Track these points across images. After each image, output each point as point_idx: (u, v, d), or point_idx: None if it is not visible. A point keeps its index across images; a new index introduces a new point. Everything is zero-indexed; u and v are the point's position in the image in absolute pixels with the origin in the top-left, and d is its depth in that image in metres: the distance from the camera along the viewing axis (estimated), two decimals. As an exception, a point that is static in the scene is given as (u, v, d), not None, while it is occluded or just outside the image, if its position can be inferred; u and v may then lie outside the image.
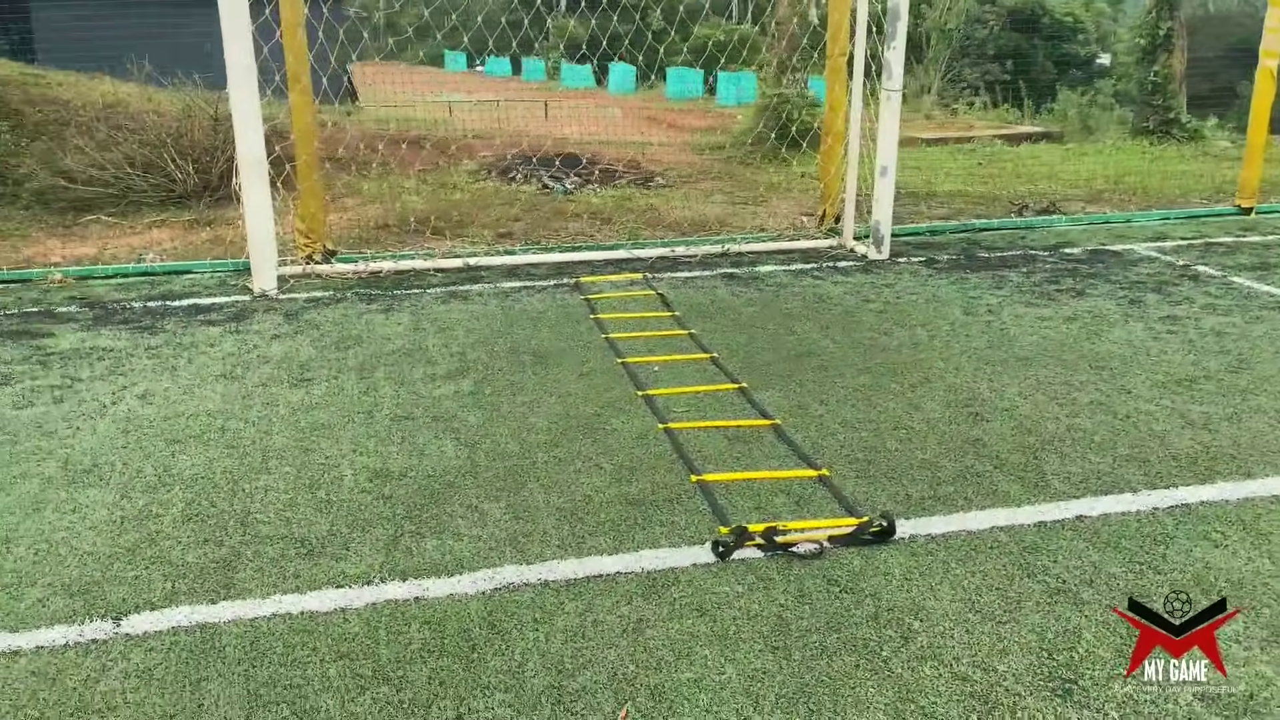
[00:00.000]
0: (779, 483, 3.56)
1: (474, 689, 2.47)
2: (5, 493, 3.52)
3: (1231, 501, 3.39)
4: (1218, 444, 3.84)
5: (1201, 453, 3.77)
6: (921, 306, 5.75)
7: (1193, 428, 4.00)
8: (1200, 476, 3.58)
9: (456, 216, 8.62)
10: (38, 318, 5.69)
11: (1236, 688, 2.46)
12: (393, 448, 3.87)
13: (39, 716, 2.37)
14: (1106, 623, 2.72)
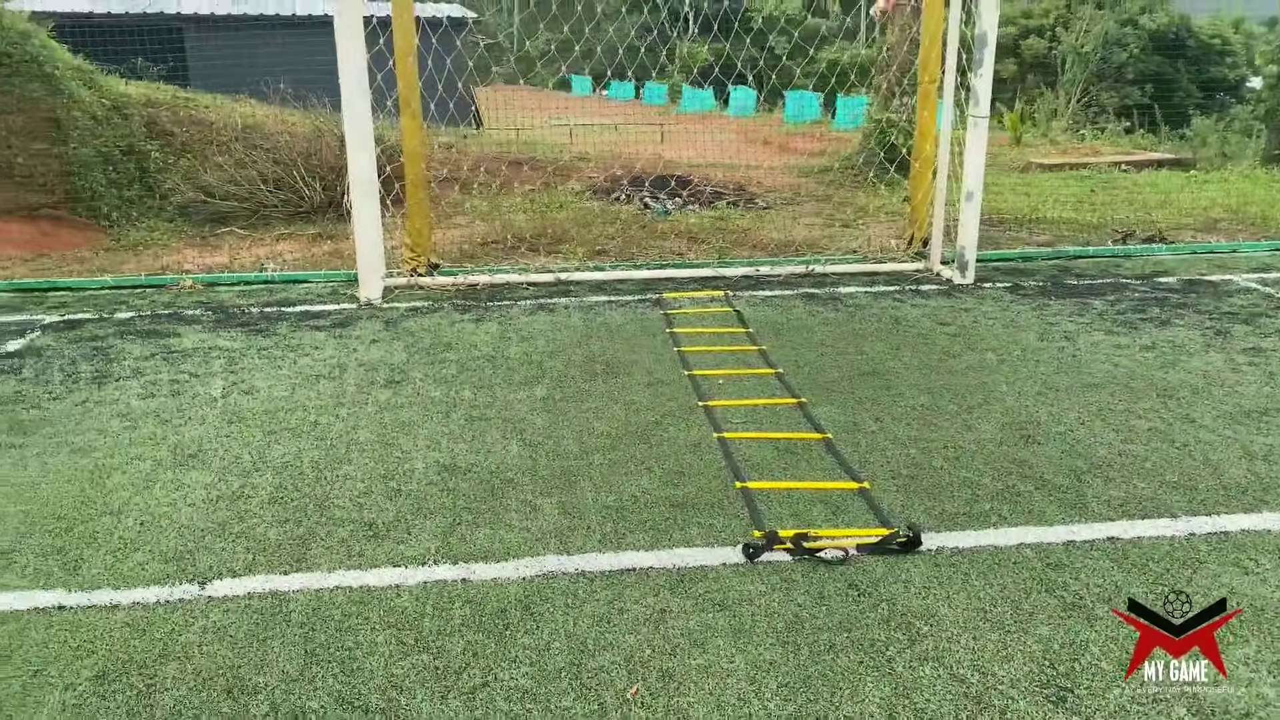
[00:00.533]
0: (819, 493, 3.71)
1: (502, 661, 2.71)
2: (122, 472, 3.96)
3: (1274, 532, 3.38)
4: (1273, 475, 3.81)
5: (1253, 483, 3.75)
6: (996, 331, 5.78)
7: (1250, 459, 3.97)
8: (1247, 506, 3.57)
9: (557, 234, 8.98)
10: (167, 319, 6.26)
11: (1234, 705, 2.51)
12: (463, 445, 4.17)
13: (126, 660, 2.73)
14: (1115, 638, 2.79)
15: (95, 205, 9.36)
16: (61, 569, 3.21)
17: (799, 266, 7.28)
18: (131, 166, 9.91)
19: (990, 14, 6.21)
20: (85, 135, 9.48)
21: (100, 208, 9.37)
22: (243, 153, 10.50)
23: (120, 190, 9.68)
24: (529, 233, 8.92)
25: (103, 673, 2.67)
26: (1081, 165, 15.61)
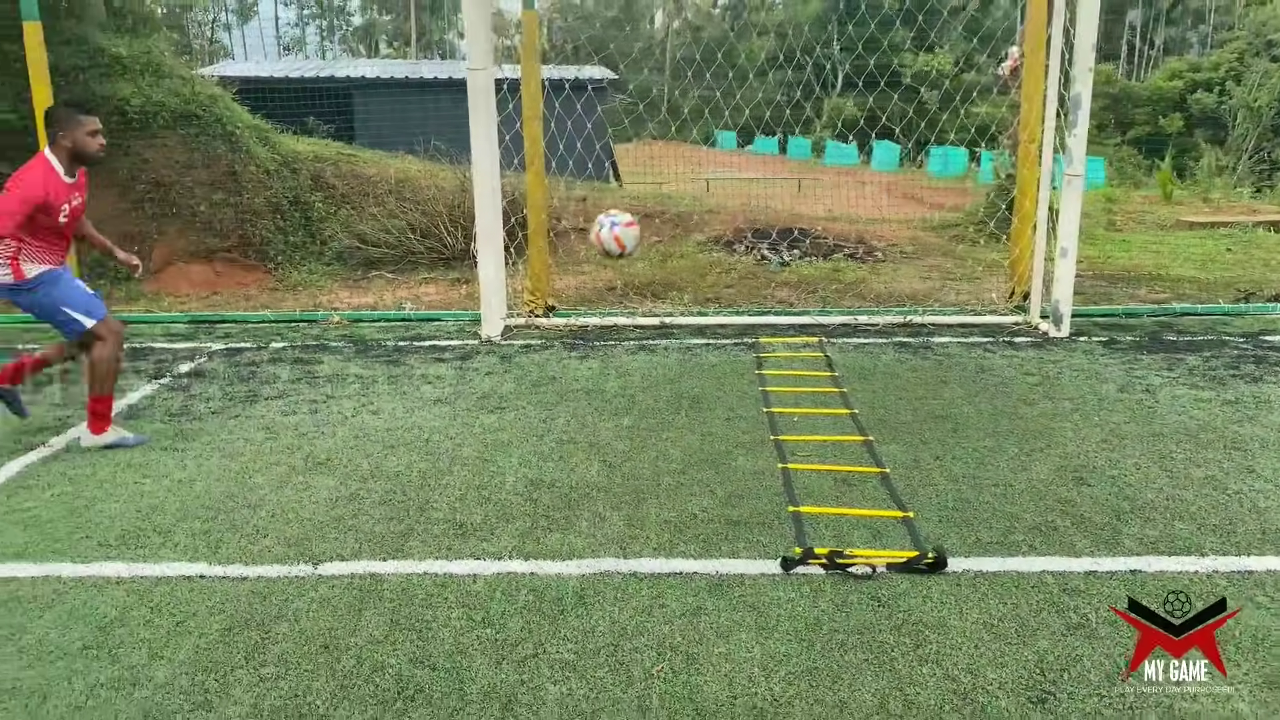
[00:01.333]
0: (865, 519, 4.03)
1: (552, 638, 3.16)
2: (263, 474, 4.63)
3: (1301, 574, 3.50)
4: (1317, 523, 3.90)
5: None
6: (1078, 381, 5.92)
7: (1302, 507, 4.06)
8: (1278, 549, 3.69)
9: (673, 283, 9.50)
10: (314, 349, 7.06)
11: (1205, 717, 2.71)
12: (550, 464, 4.68)
13: (248, 618, 3.31)
14: (1109, 654, 3.02)
15: (264, 249, 10.45)
16: (206, 547, 3.85)
17: (897, 316, 7.55)
18: (297, 215, 11.01)
19: (1084, 78, 6.42)
20: (259, 187, 10.63)
21: (268, 251, 10.46)
22: (395, 204, 11.51)
23: (286, 236, 10.77)
24: (646, 281, 9.47)
25: (229, 626, 3.26)
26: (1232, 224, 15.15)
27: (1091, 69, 6.40)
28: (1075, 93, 6.50)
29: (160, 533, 3.99)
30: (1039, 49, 7.09)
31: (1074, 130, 6.54)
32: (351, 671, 2.99)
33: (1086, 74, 6.40)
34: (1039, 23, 7.06)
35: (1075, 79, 6.48)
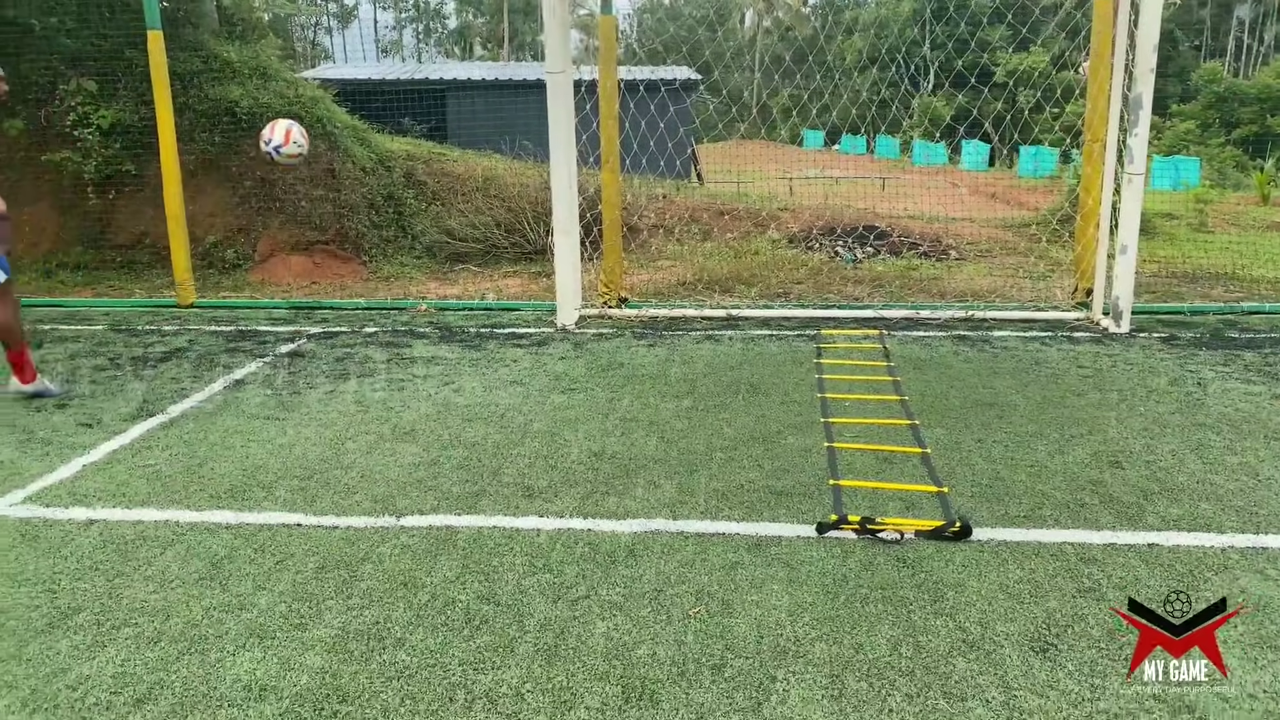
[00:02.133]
0: (900, 493, 4.31)
1: (603, 583, 3.54)
2: (353, 441, 5.11)
3: (1314, 551, 3.68)
4: (1342, 507, 4.05)
5: (1319, 512, 4.01)
6: (1130, 374, 6.07)
7: (1330, 493, 4.21)
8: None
9: (745, 278, 9.81)
10: (403, 334, 7.58)
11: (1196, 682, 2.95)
12: (612, 438, 5.06)
13: (339, 560, 3.76)
14: (1113, 615, 3.26)
15: (359, 243, 11.09)
16: (303, 501, 4.34)
17: (959, 311, 7.74)
18: (390, 211, 11.63)
19: (1145, 79, 6.54)
20: (355, 184, 11.27)
21: (362, 244, 11.09)
22: (482, 201, 12.05)
23: (380, 231, 11.39)
24: (719, 276, 9.80)
25: (323, 565, 3.72)
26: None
27: (1153, 69, 6.51)
28: (1136, 93, 6.63)
29: (263, 488, 4.49)
30: (1104, 49, 7.20)
31: (1135, 130, 6.67)
32: (426, 604, 3.41)
33: (1148, 75, 6.52)
34: (1105, 22, 7.18)
35: (1137, 80, 6.60)
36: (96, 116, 10.43)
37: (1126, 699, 2.81)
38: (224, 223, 10.84)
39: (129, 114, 10.53)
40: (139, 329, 7.93)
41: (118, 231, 10.78)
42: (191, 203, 9.55)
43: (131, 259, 10.66)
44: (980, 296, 8.74)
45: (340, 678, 2.97)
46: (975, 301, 8.35)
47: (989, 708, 2.79)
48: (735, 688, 2.90)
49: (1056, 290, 8.52)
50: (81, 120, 10.41)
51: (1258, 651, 3.04)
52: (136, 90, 10.51)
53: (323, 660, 3.07)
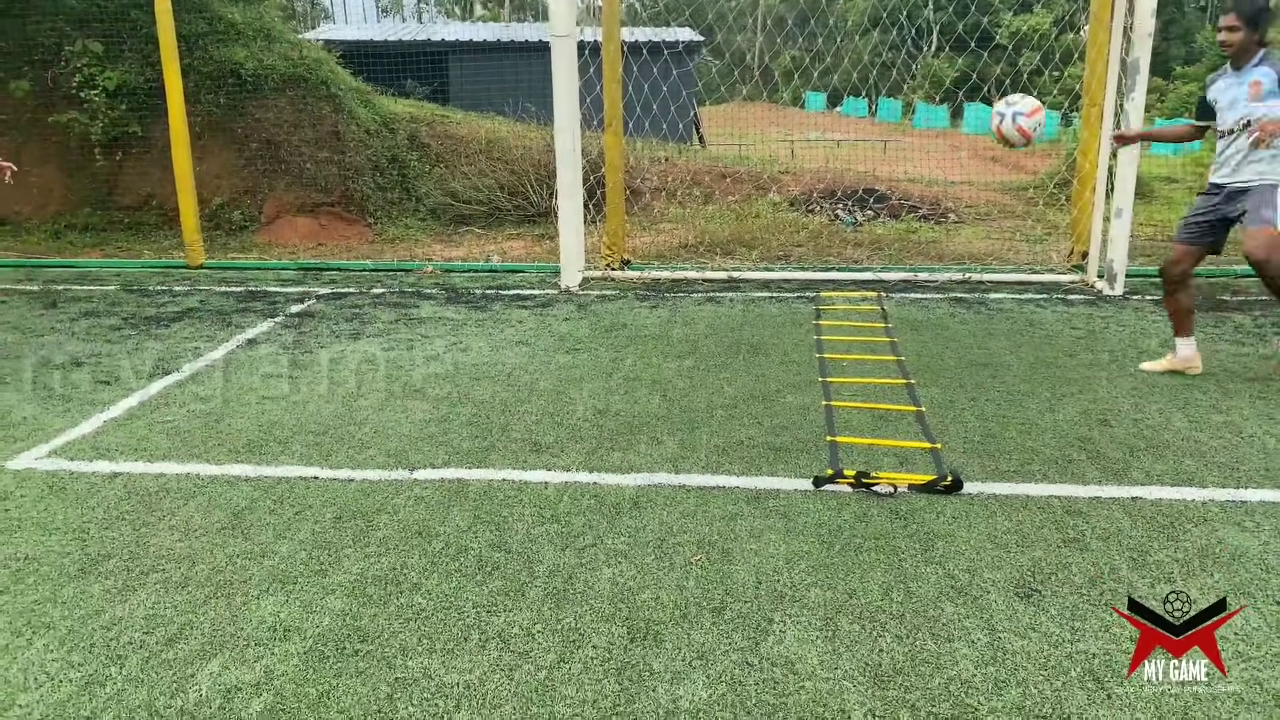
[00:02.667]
0: (895, 449, 4.47)
1: (609, 533, 3.70)
2: (365, 399, 5.26)
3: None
4: (1320, 463, 4.21)
5: (1297, 468, 4.17)
6: (1122, 336, 6.21)
7: (1310, 450, 4.36)
8: (1277, 483, 4.02)
9: (746, 240, 9.92)
10: (411, 295, 7.71)
11: (1168, 612, 3.11)
12: (616, 397, 5.21)
13: (355, 510, 3.93)
14: (1097, 563, 3.43)
15: (364, 205, 11.18)
16: (319, 455, 4.49)
17: (956, 274, 7.86)
18: (395, 173, 11.71)
19: (1143, 42, 6.62)
20: (360, 146, 11.34)
21: (368, 207, 11.19)
22: (485, 163, 12.14)
23: (385, 193, 11.48)
24: (720, 239, 9.91)
25: (340, 515, 3.88)
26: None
27: (1151, 34, 6.59)
28: (1134, 58, 6.70)
29: (280, 443, 4.65)
30: (1104, 13, 7.26)
31: (1132, 95, 6.75)
32: (440, 552, 3.58)
33: (1146, 39, 6.60)
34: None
35: (1135, 44, 6.67)
36: (102, 78, 10.49)
37: (1105, 640, 2.98)
38: (230, 185, 10.93)
39: (134, 75, 10.59)
40: (150, 289, 8.06)
41: (125, 193, 10.88)
42: (198, 164, 9.63)
43: (139, 220, 10.77)
44: (978, 259, 8.86)
45: (360, 619, 3.14)
46: (972, 264, 8.48)
47: (974, 648, 2.95)
48: (734, 629, 3.07)
49: (1053, 253, 8.64)
50: (87, 81, 10.48)
51: (1231, 598, 3.20)
52: (142, 52, 10.56)
53: (343, 603, 3.24)
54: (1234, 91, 4.98)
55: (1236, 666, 2.85)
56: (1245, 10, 4.81)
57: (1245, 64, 4.92)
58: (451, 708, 2.70)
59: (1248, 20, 4.81)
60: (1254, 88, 4.86)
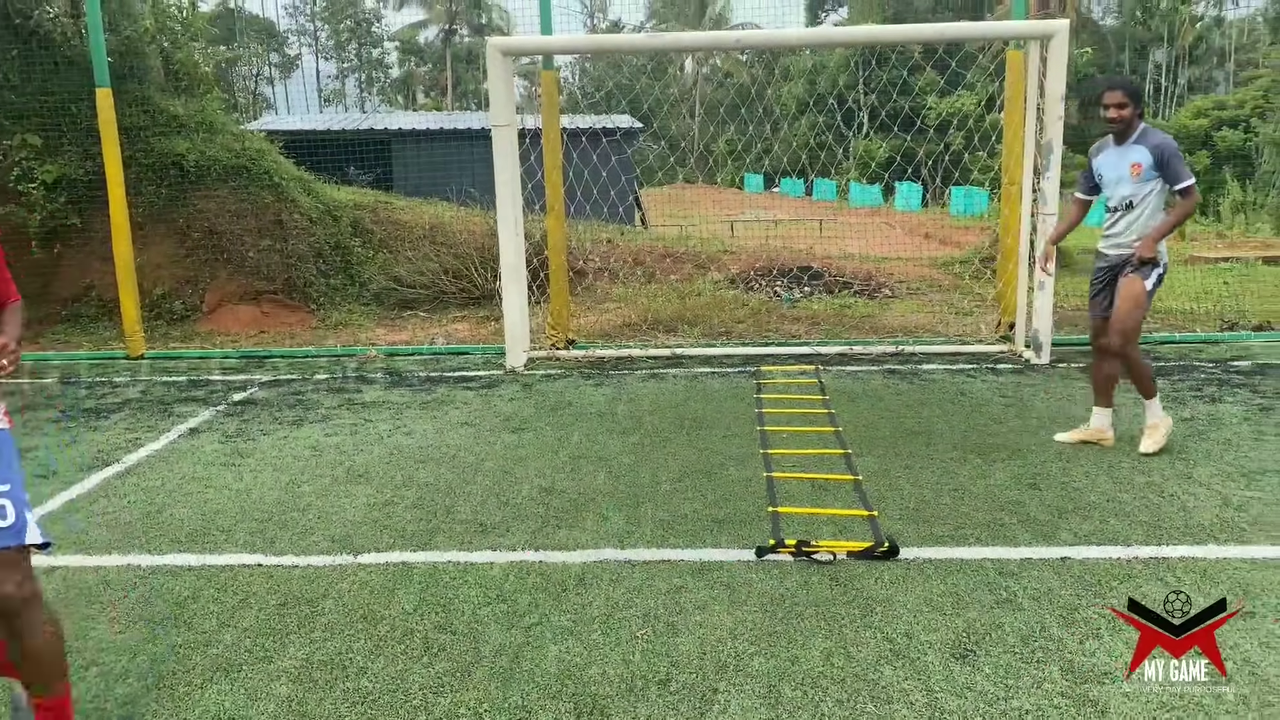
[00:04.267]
0: (834, 518, 4.58)
1: (555, 610, 3.74)
2: (310, 484, 5.26)
3: (1208, 559, 4.01)
4: (1235, 519, 4.40)
5: (1214, 525, 4.35)
6: (1049, 403, 6.44)
7: (1226, 507, 4.56)
8: (1196, 540, 4.19)
9: (689, 319, 10.11)
10: (354, 381, 7.73)
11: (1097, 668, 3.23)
12: (562, 475, 5.27)
13: (299, 596, 3.92)
14: (1027, 622, 3.54)
15: (307, 291, 11.20)
16: (262, 542, 4.48)
17: (889, 346, 8.10)
18: (338, 259, 11.77)
19: (1054, 125, 7.01)
20: (303, 234, 11.41)
21: (310, 293, 11.20)
22: (429, 248, 12.25)
23: (327, 279, 11.52)
24: (664, 317, 10.09)
25: (284, 602, 3.87)
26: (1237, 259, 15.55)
27: (1061, 117, 6.98)
28: (1047, 139, 7.08)
29: (223, 531, 4.62)
30: (1018, 98, 7.67)
31: (1048, 174, 7.11)
32: (386, 635, 3.58)
33: (1057, 122, 6.98)
34: (1017, 73, 7.66)
35: (1047, 126, 7.06)
36: (41, 171, 10.47)
37: (1037, 696, 3.08)
38: (171, 274, 10.90)
39: (74, 168, 10.59)
40: (89, 381, 7.98)
41: (63, 285, 10.79)
42: (139, 255, 9.61)
43: (77, 312, 10.67)
44: (910, 332, 9.13)
45: (306, 704, 3.13)
46: (905, 337, 8.73)
47: (913, 709, 3.03)
48: (680, 700, 3.11)
49: (981, 325, 8.94)
50: (25, 175, 10.45)
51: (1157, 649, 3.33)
52: (82, 145, 10.59)
53: (288, 689, 3.23)
54: (1119, 169, 5.24)
55: (1162, 715, 2.96)
56: (1129, 88, 5.13)
57: (1127, 139, 5.20)
58: (399, 790, 2.70)
59: (1133, 96, 5.13)
60: (1135, 169, 5.15)
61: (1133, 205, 5.21)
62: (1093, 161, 5.43)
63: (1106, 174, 5.31)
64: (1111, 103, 5.13)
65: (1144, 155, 5.13)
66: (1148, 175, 5.13)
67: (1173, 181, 5.11)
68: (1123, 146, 5.23)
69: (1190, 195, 5.11)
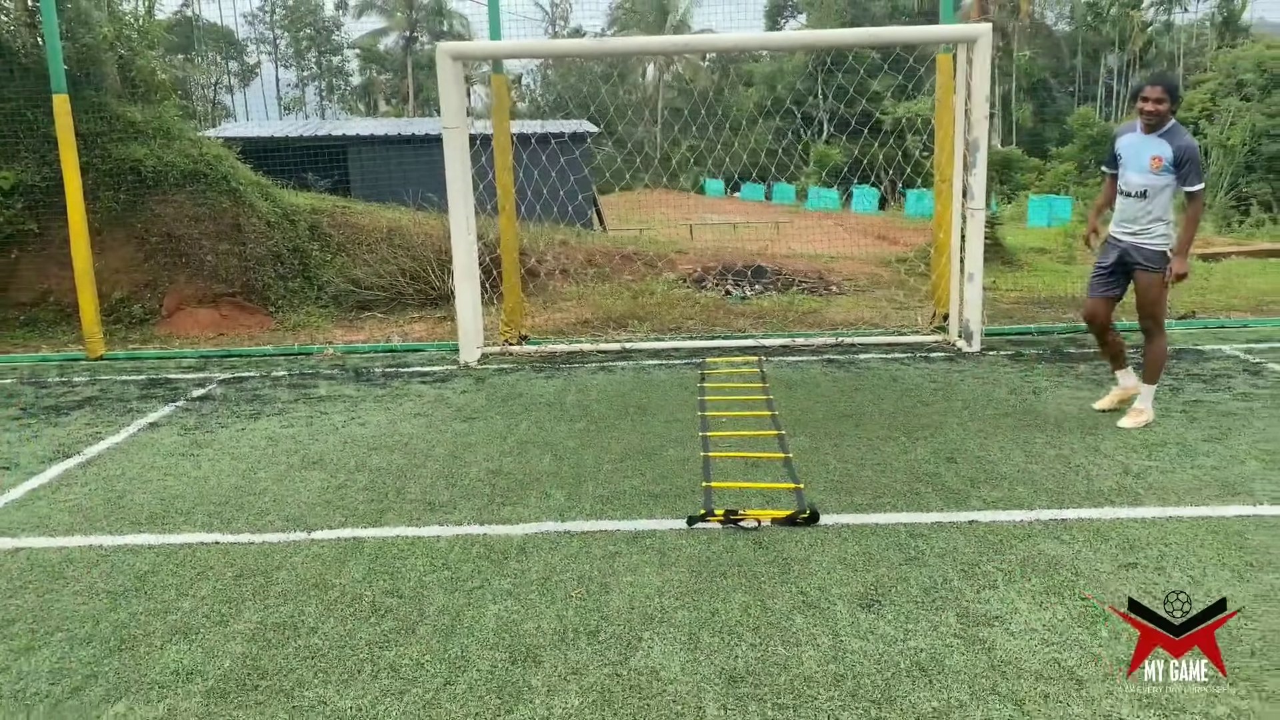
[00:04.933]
0: (763, 491, 4.87)
1: (496, 575, 4.00)
2: (266, 471, 5.48)
3: (1103, 520, 4.34)
4: (1133, 486, 4.75)
5: (1113, 490, 4.70)
6: (975, 387, 6.79)
7: (1126, 475, 4.91)
8: (1095, 504, 4.53)
9: (642, 316, 10.40)
10: (310, 377, 7.93)
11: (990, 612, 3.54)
12: (509, 459, 5.53)
13: (255, 568, 4.15)
14: (931, 576, 3.85)
15: (265, 294, 11.37)
16: (220, 523, 4.70)
17: (829, 338, 8.43)
18: (296, 263, 11.95)
19: (980, 124, 7.37)
20: (261, 238, 11.58)
21: (269, 296, 11.37)
22: (386, 251, 12.46)
23: (286, 282, 11.69)
24: (618, 315, 10.37)
25: (240, 574, 4.10)
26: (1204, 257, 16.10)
27: (987, 116, 7.34)
28: (974, 138, 7.45)
29: (181, 514, 4.84)
30: (947, 98, 8.04)
31: (974, 170, 7.48)
32: (336, 600, 3.82)
33: (982, 121, 7.35)
34: (946, 75, 8.03)
35: (974, 125, 7.42)
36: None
37: (933, 637, 3.38)
38: (130, 279, 11.02)
39: (31, 174, 10.70)
40: (49, 381, 8.12)
41: (20, 290, 10.88)
42: (97, 260, 9.73)
43: (35, 316, 10.76)
44: (851, 325, 9.48)
45: (260, 660, 3.37)
46: (845, 330, 9.07)
47: (819, 650, 3.32)
48: (607, 648, 3.39)
49: (918, 317, 9.30)
50: (-18, 182, 10.54)
51: (1044, 597, 3.65)
52: (38, 151, 10.70)
53: (244, 648, 3.46)
54: (1140, 157, 5.56)
55: (1041, 650, 3.27)
56: (1169, 85, 5.49)
57: (1156, 131, 5.52)
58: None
59: (1171, 94, 5.48)
60: (1155, 162, 5.48)
61: (1146, 195, 5.55)
62: (1115, 140, 5.78)
63: (1125, 156, 5.63)
64: (1152, 96, 5.43)
65: (1167, 151, 5.44)
66: (1165, 170, 5.46)
67: (1186, 183, 5.43)
68: (1149, 136, 5.51)
69: (1198, 200, 5.44)
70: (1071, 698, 2.99)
